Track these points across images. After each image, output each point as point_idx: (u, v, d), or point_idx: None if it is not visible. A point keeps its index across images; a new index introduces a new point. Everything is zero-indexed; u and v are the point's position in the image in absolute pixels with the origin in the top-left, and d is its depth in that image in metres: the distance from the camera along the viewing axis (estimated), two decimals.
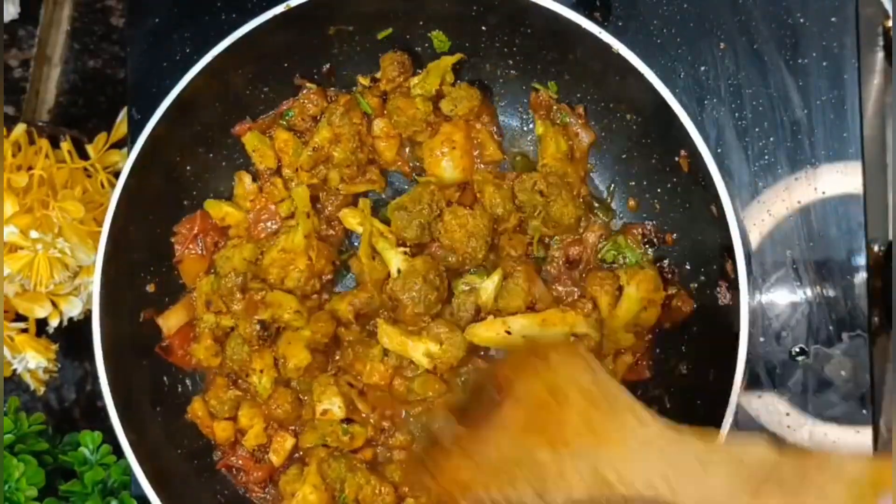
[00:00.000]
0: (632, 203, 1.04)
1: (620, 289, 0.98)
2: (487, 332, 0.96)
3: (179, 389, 1.08)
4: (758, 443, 0.59)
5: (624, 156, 1.03)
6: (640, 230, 1.02)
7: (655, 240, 1.02)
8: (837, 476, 0.56)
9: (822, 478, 0.56)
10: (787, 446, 0.58)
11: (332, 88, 1.08)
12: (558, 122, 1.03)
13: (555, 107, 1.04)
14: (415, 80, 1.04)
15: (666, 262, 1.01)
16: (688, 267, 0.99)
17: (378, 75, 1.06)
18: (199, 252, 1.07)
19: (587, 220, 1.02)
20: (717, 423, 0.88)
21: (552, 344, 0.80)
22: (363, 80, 1.07)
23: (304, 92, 1.07)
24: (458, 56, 1.03)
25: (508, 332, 0.95)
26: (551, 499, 0.68)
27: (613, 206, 1.05)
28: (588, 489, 0.66)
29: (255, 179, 1.08)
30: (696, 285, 0.99)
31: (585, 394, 0.69)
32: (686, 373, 0.98)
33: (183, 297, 1.08)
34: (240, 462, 1.05)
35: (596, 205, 1.04)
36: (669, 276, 1.00)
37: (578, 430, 0.67)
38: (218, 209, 1.07)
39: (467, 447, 0.74)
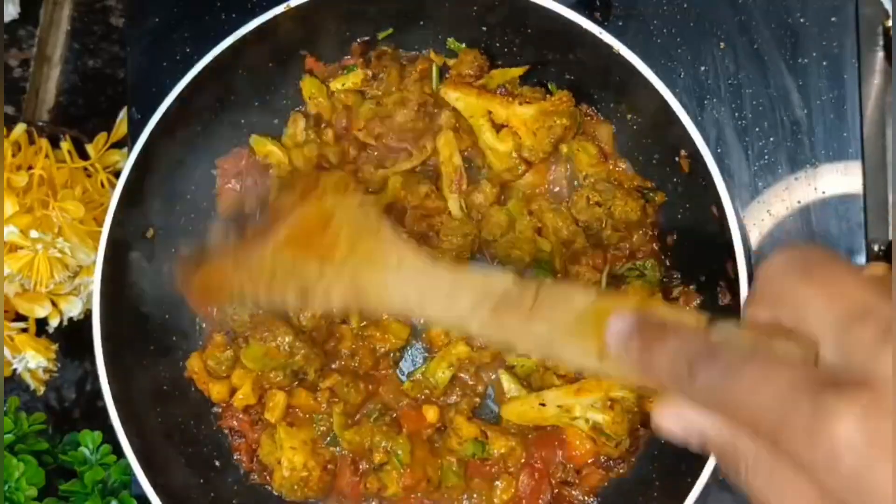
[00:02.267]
0: None
1: None
2: (522, 408, 0.97)
3: (179, 389, 1.08)
4: (504, 277, 0.63)
5: (623, 155, 1.03)
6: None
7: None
8: (567, 304, 0.58)
9: (553, 304, 0.59)
10: (529, 282, 0.62)
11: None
12: (580, 131, 1.03)
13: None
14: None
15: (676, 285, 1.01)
16: (688, 267, 0.99)
17: (451, 63, 1.05)
18: (238, 190, 1.08)
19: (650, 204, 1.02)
20: None
21: (332, 182, 0.83)
22: (437, 59, 1.06)
23: (377, 52, 1.06)
24: (524, 68, 1.03)
25: (542, 405, 0.96)
26: (311, 300, 0.75)
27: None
28: (346, 296, 0.74)
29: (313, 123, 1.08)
30: (695, 285, 0.99)
31: (353, 224, 0.77)
32: None
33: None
34: (236, 423, 1.05)
35: (649, 185, 1.02)
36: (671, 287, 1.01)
37: (345, 252, 0.74)
38: (262, 146, 1.07)
39: (238, 253, 0.81)
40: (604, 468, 0.98)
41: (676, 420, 0.49)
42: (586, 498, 0.99)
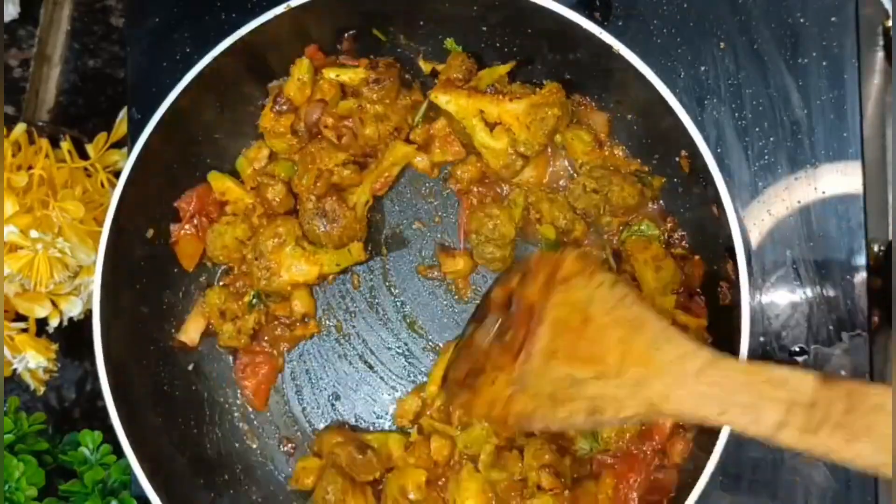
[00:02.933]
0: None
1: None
2: None
3: (179, 390, 1.08)
4: (805, 378, 0.61)
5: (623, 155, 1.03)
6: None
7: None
8: (881, 408, 0.57)
9: (868, 411, 0.58)
10: (831, 379, 0.60)
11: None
12: (574, 120, 1.03)
13: None
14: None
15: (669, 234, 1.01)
16: (708, 269, 0.99)
17: (439, 68, 1.06)
18: (195, 232, 1.07)
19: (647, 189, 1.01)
20: (718, 427, 0.88)
21: (570, 266, 0.79)
22: (425, 66, 1.07)
23: (388, 61, 1.05)
24: (511, 65, 1.03)
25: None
26: (601, 421, 0.72)
27: None
28: (636, 412, 0.70)
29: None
30: (696, 296, 0.99)
31: (617, 320, 0.73)
32: None
33: (195, 302, 1.09)
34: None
35: (646, 169, 1.02)
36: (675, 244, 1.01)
37: (620, 358, 0.70)
38: (220, 182, 1.07)
39: (507, 363, 0.78)
40: (682, 430, 0.97)
41: None
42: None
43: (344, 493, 0.99)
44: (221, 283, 1.09)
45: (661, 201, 1.01)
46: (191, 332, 1.08)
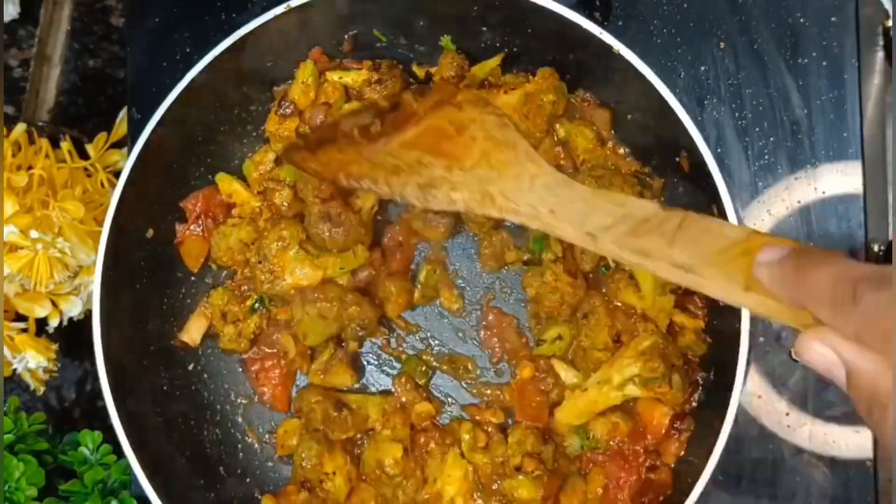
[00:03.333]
0: None
1: None
2: (572, 406, 0.97)
3: (179, 390, 1.08)
4: (645, 203, 0.64)
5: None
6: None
7: None
8: (715, 235, 0.59)
9: (700, 233, 0.60)
10: (674, 210, 0.62)
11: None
12: (577, 116, 1.03)
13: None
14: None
15: None
16: None
17: (433, 70, 1.06)
18: (200, 233, 1.07)
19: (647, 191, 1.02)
20: (718, 424, 0.88)
21: (470, 97, 0.82)
22: (418, 71, 1.07)
23: (390, 62, 1.05)
24: (500, 57, 1.03)
25: (584, 390, 0.97)
26: (432, 197, 0.76)
27: None
28: (470, 200, 0.74)
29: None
30: (695, 296, 0.99)
31: (490, 138, 0.76)
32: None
33: (198, 302, 1.09)
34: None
35: (646, 171, 1.02)
36: None
37: (476, 160, 0.75)
38: (228, 184, 1.07)
39: (363, 144, 0.81)
40: (676, 432, 0.97)
41: (824, 351, 0.48)
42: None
43: (320, 457, 1.00)
44: (225, 285, 1.09)
45: (661, 200, 1.01)
46: (192, 332, 1.08)
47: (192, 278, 1.10)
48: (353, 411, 1.02)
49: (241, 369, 1.10)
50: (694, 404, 0.97)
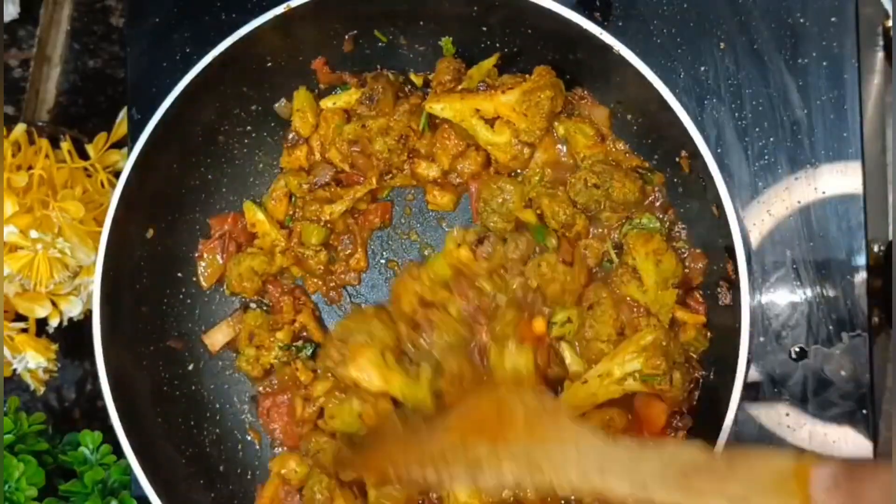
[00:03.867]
0: None
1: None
2: (573, 396, 0.97)
3: (179, 390, 1.08)
4: (692, 445, 0.67)
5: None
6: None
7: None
8: (765, 464, 0.63)
9: (750, 466, 0.64)
10: (720, 452, 0.67)
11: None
12: (576, 113, 1.03)
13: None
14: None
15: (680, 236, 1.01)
16: (709, 262, 0.99)
17: (431, 76, 1.06)
18: (220, 253, 1.09)
19: (648, 185, 1.02)
20: (718, 424, 0.88)
21: (511, 391, 0.86)
22: (416, 79, 1.08)
23: (374, 74, 1.06)
24: (495, 57, 1.03)
25: (585, 382, 0.97)
26: (481, 475, 0.77)
27: None
28: (519, 474, 0.75)
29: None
30: (695, 292, 0.99)
31: (531, 410, 0.79)
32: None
33: (227, 314, 1.11)
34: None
35: (647, 165, 1.02)
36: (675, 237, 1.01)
37: (519, 434, 0.77)
38: (252, 213, 1.09)
39: (408, 437, 0.84)
40: (673, 429, 0.97)
41: None
42: None
43: (331, 490, 0.99)
44: (265, 310, 1.09)
45: (661, 192, 1.01)
46: (216, 338, 1.09)
47: (193, 278, 1.10)
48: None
49: (247, 397, 1.11)
50: (693, 402, 0.97)
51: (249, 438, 1.09)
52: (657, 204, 1.02)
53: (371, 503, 0.99)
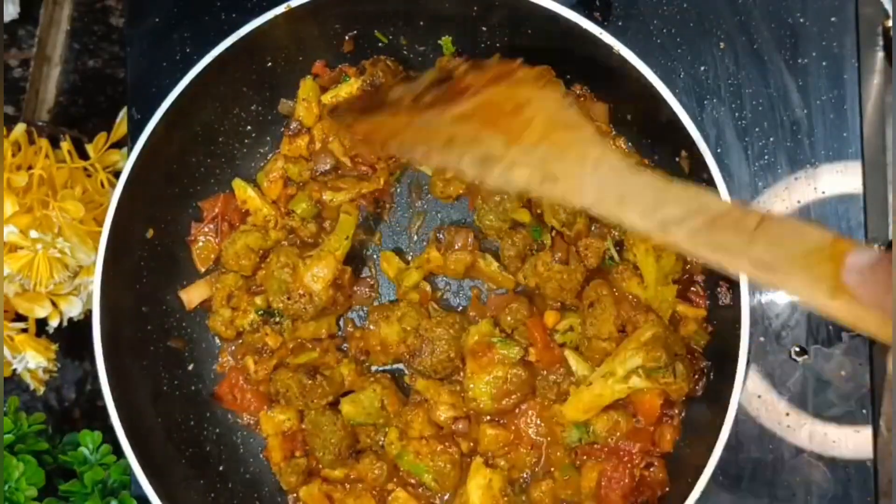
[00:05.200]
0: None
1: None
2: (579, 401, 0.97)
3: (179, 390, 1.08)
4: (721, 198, 0.63)
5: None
6: None
7: None
8: (799, 236, 0.58)
9: (781, 233, 0.58)
10: (753, 208, 0.60)
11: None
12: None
13: None
14: None
15: None
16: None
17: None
18: (214, 235, 1.09)
19: None
20: (718, 424, 0.88)
21: (529, 74, 0.79)
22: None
23: (372, 60, 1.06)
24: (496, 57, 1.02)
25: (590, 384, 0.96)
26: (490, 171, 0.72)
27: None
28: (531, 179, 0.70)
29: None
30: (696, 286, 0.99)
31: (550, 118, 0.72)
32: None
33: (209, 274, 1.10)
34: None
35: (646, 162, 1.02)
36: None
37: (538, 138, 0.70)
38: (243, 191, 1.09)
39: (415, 112, 0.77)
40: (668, 417, 0.97)
41: None
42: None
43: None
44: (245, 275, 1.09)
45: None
46: (193, 295, 1.09)
47: (193, 278, 1.10)
48: (326, 376, 1.03)
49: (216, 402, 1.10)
50: (699, 393, 0.97)
51: (248, 440, 1.09)
52: None
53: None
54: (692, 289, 0.99)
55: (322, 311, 1.03)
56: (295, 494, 1.06)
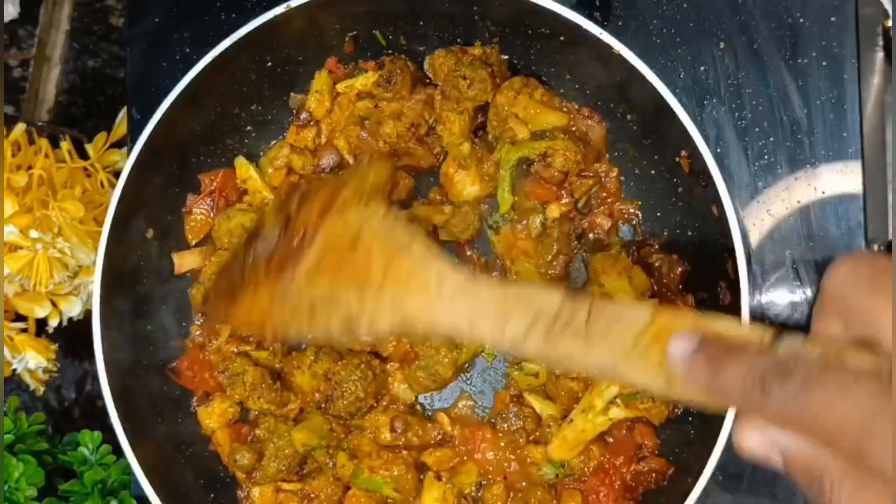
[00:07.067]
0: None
1: None
2: (564, 440, 0.96)
3: (179, 389, 1.08)
4: (552, 294, 0.61)
5: (623, 155, 1.03)
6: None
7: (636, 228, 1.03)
8: (623, 324, 0.56)
9: (608, 324, 0.57)
10: (581, 296, 0.60)
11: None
12: (573, 128, 1.03)
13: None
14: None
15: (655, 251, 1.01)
16: (688, 267, 0.99)
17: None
18: (209, 209, 1.08)
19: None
20: (718, 423, 0.88)
21: (349, 195, 0.79)
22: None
23: (392, 57, 1.05)
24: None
25: (571, 421, 0.96)
26: (357, 331, 0.72)
27: None
28: (392, 324, 0.71)
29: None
30: (696, 286, 0.99)
31: (383, 244, 0.73)
32: None
33: (206, 245, 1.10)
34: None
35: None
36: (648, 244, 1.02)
37: (381, 276, 0.71)
38: (244, 169, 1.08)
39: (270, 279, 0.78)
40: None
41: (758, 439, 0.48)
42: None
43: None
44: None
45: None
46: (186, 260, 1.09)
47: (190, 279, 1.10)
48: (289, 384, 1.03)
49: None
50: (678, 412, 0.97)
51: None
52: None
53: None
54: (683, 298, 0.99)
55: None
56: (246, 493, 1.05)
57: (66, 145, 1.16)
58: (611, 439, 0.98)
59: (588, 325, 0.58)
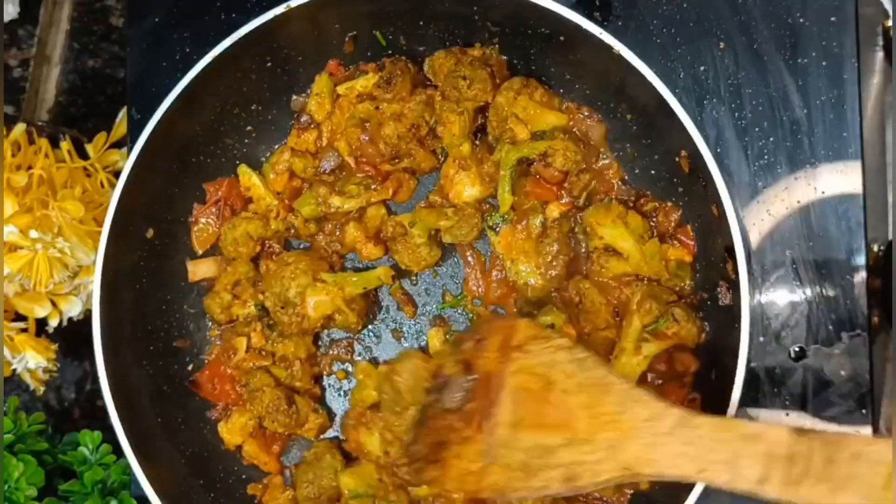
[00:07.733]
0: None
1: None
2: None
3: (179, 389, 1.08)
4: (779, 431, 0.61)
5: (623, 155, 1.03)
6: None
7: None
8: (860, 456, 0.57)
9: (851, 463, 0.57)
10: (806, 431, 0.60)
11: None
12: (574, 128, 1.04)
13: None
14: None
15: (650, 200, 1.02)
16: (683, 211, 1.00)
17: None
18: (215, 218, 1.09)
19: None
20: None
21: (527, 333, 0.78)
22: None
23: (393, 59, 1.06)
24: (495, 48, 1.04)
25: None
26: (583, 487, 0.70)
27: None
28: (612, 475, 0.68)
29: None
30: (695, 286, 0.99)
31: (578, 385, 0.71)
32: None
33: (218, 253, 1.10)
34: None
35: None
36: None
37: (587, 422, 0.69)
38: (247, 177, 1.09)
39: (470, 434, 0.75)
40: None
41: None
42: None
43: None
44: (258, 268, 1.09)
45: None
46: (201, 269, 1.09)
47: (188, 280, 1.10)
48: (296, 411, 1.03)
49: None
50: (706, 340, 0.96)
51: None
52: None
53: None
54: (682, 232, 1.00)
55: (304, 331, 1.04)
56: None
57: (66, 145, 1.16)
58: (660, 381, 0.98)
59: (827, 467, 0.57)
